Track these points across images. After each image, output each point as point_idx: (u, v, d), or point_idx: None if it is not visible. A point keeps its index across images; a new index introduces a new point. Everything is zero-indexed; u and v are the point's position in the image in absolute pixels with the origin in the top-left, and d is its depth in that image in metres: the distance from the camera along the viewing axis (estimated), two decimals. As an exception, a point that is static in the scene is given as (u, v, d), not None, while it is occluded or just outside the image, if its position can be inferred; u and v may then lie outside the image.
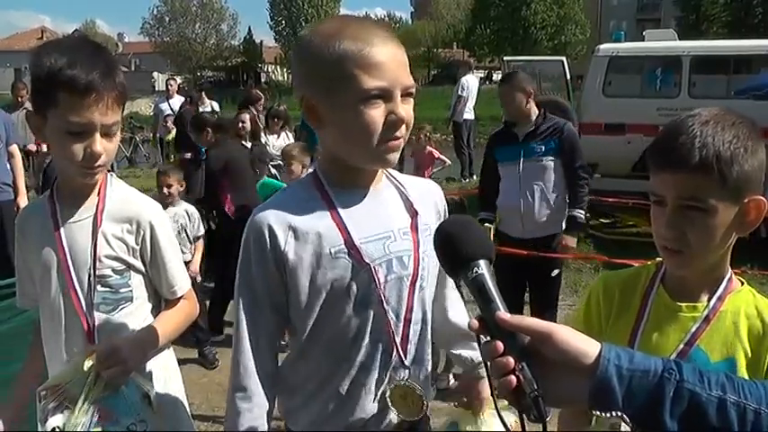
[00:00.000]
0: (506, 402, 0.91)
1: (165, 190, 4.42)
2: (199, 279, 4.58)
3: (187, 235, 4.47)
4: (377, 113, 1.23)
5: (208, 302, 4.72)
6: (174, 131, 9.20)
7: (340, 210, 1.31)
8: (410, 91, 1.28)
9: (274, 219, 1.30)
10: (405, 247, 1.34)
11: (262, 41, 53.63)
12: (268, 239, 1.29)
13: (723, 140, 1.14)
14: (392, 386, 1.35)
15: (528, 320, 0.90)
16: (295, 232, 1.29)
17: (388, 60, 1.23)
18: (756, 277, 4.74)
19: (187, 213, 4.49)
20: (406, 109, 1.27)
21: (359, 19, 1.38)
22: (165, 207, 4.31)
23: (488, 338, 0.92)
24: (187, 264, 4.37)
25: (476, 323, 0.93)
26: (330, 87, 1.25)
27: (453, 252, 1.00)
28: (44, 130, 1.55)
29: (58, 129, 1.51)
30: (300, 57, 1.32)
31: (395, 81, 1.24)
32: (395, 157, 1.31)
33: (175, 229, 4.36)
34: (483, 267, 0.96)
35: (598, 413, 0.86)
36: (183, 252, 4.29)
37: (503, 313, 0.91)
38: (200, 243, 4.58)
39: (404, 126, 1.27)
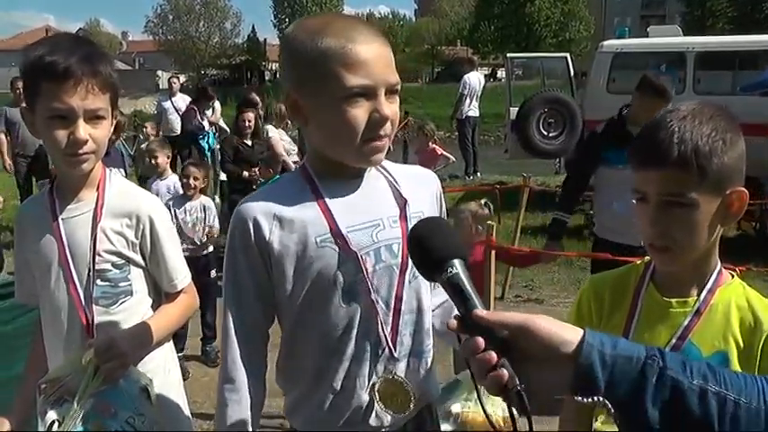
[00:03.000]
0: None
1: (192, 182, 4.46)
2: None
3: (203, 228, 4.51)
4: (359, 112, 1.23)
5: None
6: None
7: (327, 199, 1.31)
8: (395, 88, 1.27)
9: (259, 209, 1.29)
10: (394, 235, 1.33)
11: (265, 39, 53.65)
12: (252, 230, 1.28)
13: (701, 134, 1.15)
14: (379, 379, 1.33)
15: (504, 315, 0.90)
16: (280, 222, 1.28)
17: (372, 58, 1.22)
18: (761, 274, 4.72)
19: (204, 207, 4.53)
20: (390, 107, 1.26)
21: (344, 16, 1.38)
22: (187, 200, 4.44)
23: (468, 337, 0.91)
24: (206, 255, 4.50)
25: (454, 322, 0.93)
26: (312, 85, 1.25)
27: (426, 255, 0.99)
28: (35, 123, 1.55)
29: (43, 118, 1.52)
30: (284, 52, 1.32)
31: (378, 79, 1.23)
32: (379, 156, 1.30)
33: (191, 221, 4.44)
34: (458, 267, 0.95)
35: (580, 399, 0.85)
36: (197, 244, 4.44)
37: (479, 310, 0.90)
38: (214, 234, 4.61)
39: (388, 124, 1.26)
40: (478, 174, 11.19)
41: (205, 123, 8.78)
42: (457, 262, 0.96)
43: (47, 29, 58.83)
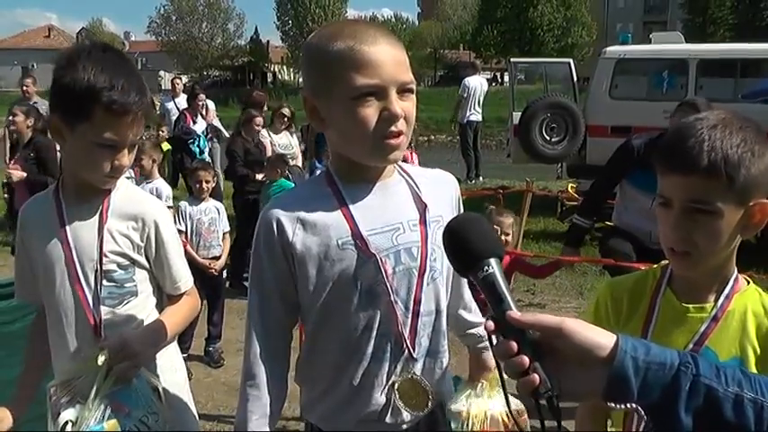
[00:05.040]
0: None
1: (205, 186, 4.49)
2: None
3: (217, 230, 4.52)
4: (370, 111, 1.25)
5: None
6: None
7: (349, 203, 1.33)
8: (408, 87, 1.29)
9: (283, 212, 1.33)
10: (413, 239, 1.35)
11: (268, 41, 53.60)
12: (276, 232, 1.32)
13: (731, 144, 1.15)
14: (399, 379, 1.35)
15: (539, 317, 0.90)
16: (303, 224, 1.32)
17: (380, 58, 1.24)
18: (762, 281, 4.72)
19: (217, 209, 4.56)
20: (403, 105, 1.27)
21: (359, 22, 1.40)
22: (198, 202, 4.45)
23: (501, 338, 0.91)
24: (217, 258, 4.49)
25: (491, 324, 0.92)
26: (325, 87, 1.29)
27: (463, 251, 0.99)
28: (68, 137, 1.57)
29: (87, 140, 1.55)
30: (303, 59, 1.37)
31: (387, 78, 1.25)
32: (396, 155, 1.31)
33: (206, 222, 4.45)
34: (494, 266, 0.95)
35: (613, 405, 0.85)
36: (213, 246, 4.46)
37: (514, 312, 0.91)
38: (228, 238, 4.65)
39: (402, 121, 1.27)
40: (481, 178, 11.19)
41: (197, 127, 8.72)
42: (493, 261, 0.95)
43: (49, 28, 58.97)
